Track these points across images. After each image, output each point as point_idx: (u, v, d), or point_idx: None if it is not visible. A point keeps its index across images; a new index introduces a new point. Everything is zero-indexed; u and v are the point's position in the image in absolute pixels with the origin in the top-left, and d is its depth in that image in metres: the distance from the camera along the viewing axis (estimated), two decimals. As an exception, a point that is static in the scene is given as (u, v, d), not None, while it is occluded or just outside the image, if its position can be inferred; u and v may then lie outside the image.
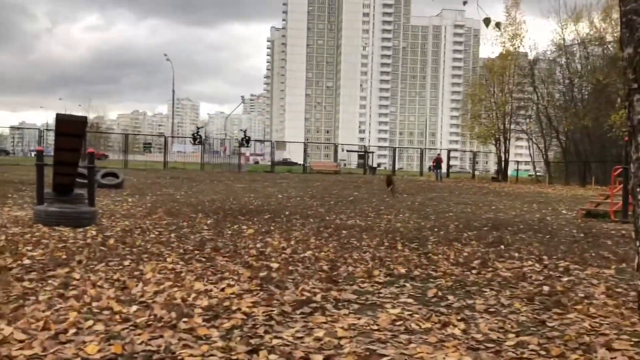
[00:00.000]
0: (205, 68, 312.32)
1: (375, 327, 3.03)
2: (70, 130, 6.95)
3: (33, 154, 52.44)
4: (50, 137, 38.39)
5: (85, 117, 6.98)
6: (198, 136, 36.52)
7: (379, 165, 56.40)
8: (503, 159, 37.97)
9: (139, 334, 2.74)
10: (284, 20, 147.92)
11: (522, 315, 3.42)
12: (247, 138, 37.98)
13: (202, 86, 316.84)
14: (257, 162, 51.97)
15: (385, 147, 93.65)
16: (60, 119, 6.22)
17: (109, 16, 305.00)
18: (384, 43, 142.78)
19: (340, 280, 4.18)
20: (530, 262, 5.30)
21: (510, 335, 2.97)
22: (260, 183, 18.91)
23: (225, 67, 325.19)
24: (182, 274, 4.14)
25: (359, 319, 3.18)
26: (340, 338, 2.80)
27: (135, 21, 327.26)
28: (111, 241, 5.49)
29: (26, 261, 4.42)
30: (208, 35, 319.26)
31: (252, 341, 2.69)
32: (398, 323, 3.12)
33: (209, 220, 7.68)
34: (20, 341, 2.59)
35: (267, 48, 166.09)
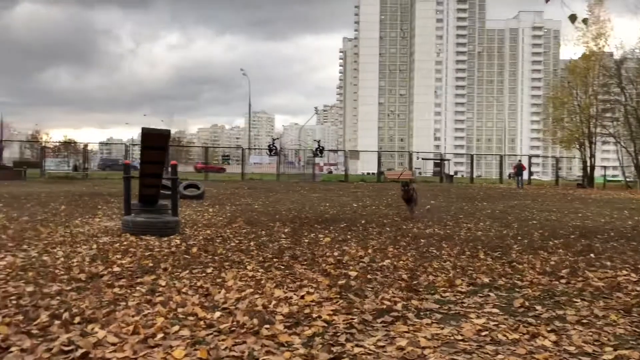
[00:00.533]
0: (279, 81, 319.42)
1: (460, 337, 2.92)
2: (155, 143, 7.27)
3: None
4: (135, 152, 40.50)
5: (168, 130, 7.26)
6: (274, 147, 37.24)
7: (455, 172, 55.15)
8: (589, 164, 35.99)
9: (223, 340, 2.79)
10: (355, 30, 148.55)
11: (620, 328, 3.19)
12: (320, 148, 38.25)
13: (277, 99, 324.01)
14: (330, 172, 52.23)
15: (462, 154, 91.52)
16: (146, 133, 6.50)
17: (189, 34, 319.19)
18: (458, 48, 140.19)
19: (420, 289, 4.09)
20: (625, 272, 4.96)
21: (607, 349, 2.78)
22: (334, 192, 18.96)
23: (298, 79, 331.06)
24: (262, 282, 4.19)
25: (442, 328, 3.08)
26: (423, 348, 2.72)
27: (213, 38, 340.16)
28: (194, 249, 5.67)
29: (116, 269, 4.63)
30: (282, 48, 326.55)
31: (334, 349, 2.66)
32: (483, 333, 3.00)
33: (286, 229, 7.77)
34: (113, 344, 2.70)
35: (340, 59, 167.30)
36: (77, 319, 3.12)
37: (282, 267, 4.85)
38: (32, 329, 2.94)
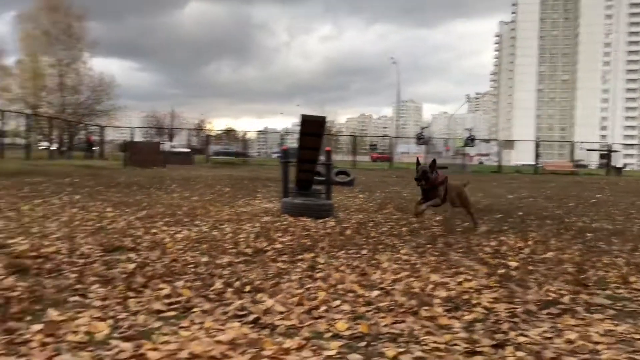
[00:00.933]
0: (428, 69, 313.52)
1: (638, 337, 2.67)
2: (312, 129, 7.57)
3: (274, 155, 58.75)
4: (288, 140, 42.47)
5: (324, 117, 7.51)
6: (422, 136, 36.77)
7: (624, 165, 49.94)
8: None
9: (383, 317, 2.84)
10: (513, 13, 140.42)
11: None
12: (472, 137, 36.97)
13: (425, 87, 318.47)
14: (481, 162, 50.23)
15: (633, 144, 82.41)
16: (305, 119, 6.79)
17: (341, 25, 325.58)
18: (631, 28, 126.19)
19: (589, 284, 3.79)
20: None
21: None
22: (487, 183, 18.23)
23: (448, 66, 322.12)
24: (417, 266, 4.19)
25: (616, 325, 2.84)
26: (596, 343, 2.53)
27: (364, 28, 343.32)
28: (348, 232, 5.83)
29: (278, 245, 4.92)
30: (431, 36, 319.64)
31: (496, 336, 2.59)
32: (669, 336, 2.70)
33: (437, 216, 7.64)
34: (281, 312, 2.89)
35: (495, 44, 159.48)
36: (247, 288, 3.39)
37: (436, 253, 4.79)
38: (209, 294, 3.25)
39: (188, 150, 39.23)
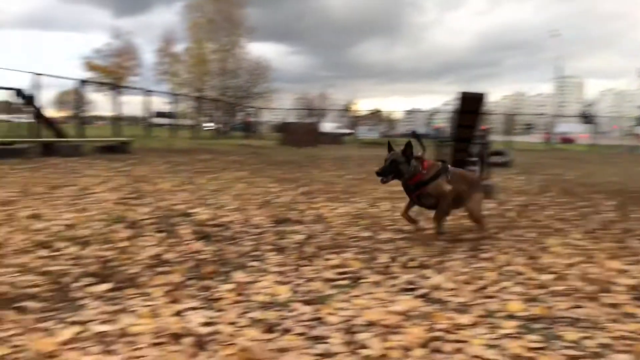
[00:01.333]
0: (592, 41, 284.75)
1: None
2: (470, 107, 7.37)
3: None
4: (436, 120, 41.60)
5: (483, 94, 7.26)
6: (588, 114, 33.81)
7: None
8: None
9: (558, 301, 2.73)
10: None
11: None
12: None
13: (590, 61, 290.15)
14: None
15: None
16: (464, 96, 6.62)
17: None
18: None
19: None
20: None
21: None
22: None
23: (619, 37, 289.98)
24: (592, 252, 3.92)
25: None
26: None
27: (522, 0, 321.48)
28: (511, 214, 5.61)
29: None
30: (598, 4, 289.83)
31: (695, 330, 2.35)
32: None
33: (609, 201, 7.03)
34: (449, 289, 2.90)
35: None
36: (412, 264, 3.44)
37: (613, 240, 4.43)
38: (376, 267, 3.36)
39: (350, 130, 40.43)
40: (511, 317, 2.51)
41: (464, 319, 2.44)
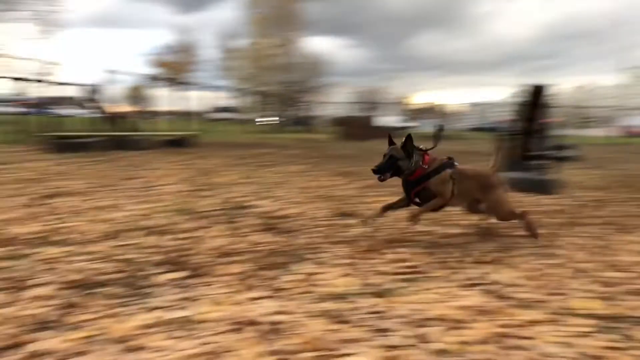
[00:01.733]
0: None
1: None
2: (532, 99, 7.18)
3: (482, 128, 56.57)
4: (496, 113, 40.49)
5: (545, 86, 7.07)
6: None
7: None
8: None
9: (632, 300, 2.63)
10: None
11: None
12: None
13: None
14: None
15: None
16: (529, 89, 6.45)
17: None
18: None
19: None
20: None
21: None
22: None
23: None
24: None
25: None
26: None
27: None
28: (586, 210, 5.44)
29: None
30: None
31: None
32: None
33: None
34: (514, 285, 2.85)
35: None
36: (476, 259, 3.39)
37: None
38: (439, 262, 3.32)
39: (410, 124, 40.13)
40: (581, 315, 2.44)
41: (532, 315, 2.40)
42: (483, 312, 2.44)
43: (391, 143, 3.80)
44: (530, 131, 7.55)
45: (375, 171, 3.67)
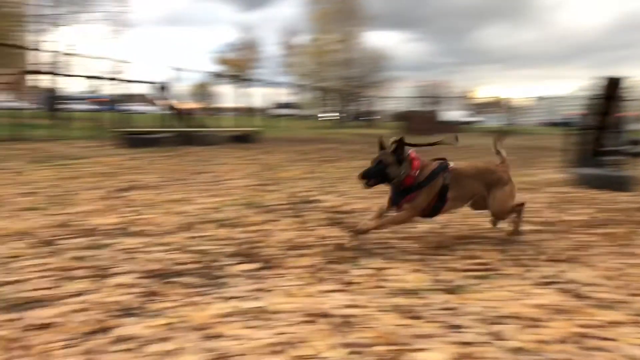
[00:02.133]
0: None
1: None
2: (606, 93, 6.87)
3: (551, 122, 54.55)
4: (564, 107, 38.90)
5: (619, 78, 6.75)
6: None
7: None
8: None
9: None
10: None
11: None
12: None
13: None
14: None
15: None
16: (603, 82, 6.19)
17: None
18: None
19: None
20: None
21: None
22: None
23: None
24: None
25: None
26: None
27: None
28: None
29: (576, 217, 4.63)
30: None
31: None
32: None
33: None
34: (592, 284, 2.75)
35: None
36: (549, 257, 3.29)
37: None
38: (512, 260, 3.25)
39: (475, 119, 39.34)
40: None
41: (613, 316, 2.32)
42: (560, 311, 2.38)
43: (381, 148, 3.50)
44: (605, 126, 7.24)
45: (361, 177, 3.42)
